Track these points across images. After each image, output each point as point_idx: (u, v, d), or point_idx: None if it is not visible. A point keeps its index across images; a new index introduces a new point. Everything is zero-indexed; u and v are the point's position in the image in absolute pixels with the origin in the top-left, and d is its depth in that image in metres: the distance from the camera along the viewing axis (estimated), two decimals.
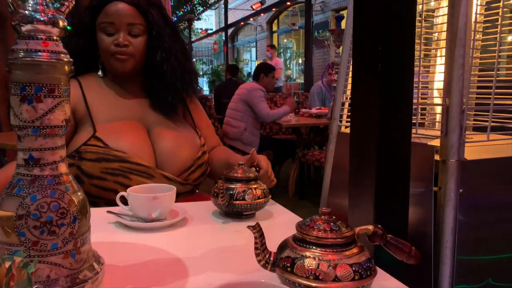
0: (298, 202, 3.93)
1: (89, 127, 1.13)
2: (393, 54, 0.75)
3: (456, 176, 0.83)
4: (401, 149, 0.79)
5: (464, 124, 0.82)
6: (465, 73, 0.80)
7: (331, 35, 4.15)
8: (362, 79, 0.78)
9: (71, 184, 0.60)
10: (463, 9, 0.79)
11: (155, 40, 1.21)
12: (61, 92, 0.58)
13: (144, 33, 1.19)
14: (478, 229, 0.90)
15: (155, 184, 1.01)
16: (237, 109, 3.89)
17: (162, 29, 1.22)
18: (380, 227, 0.62)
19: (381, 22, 0.75)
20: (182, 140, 1.21)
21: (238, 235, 0.89)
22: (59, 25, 0.58)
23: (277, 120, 3.95)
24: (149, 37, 1.20)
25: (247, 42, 18.35)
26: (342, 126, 1.22)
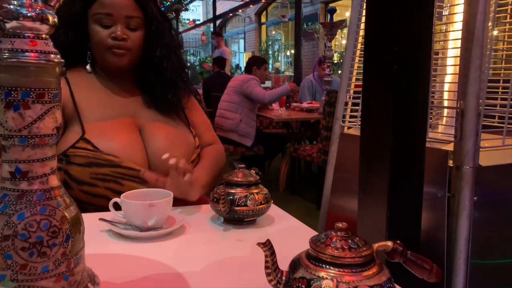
0: (289, 197, 3.90)
1: (78, 128, 1.05)
2: (409, 55, 0.70)
3: (471, 183, 0.79)
4: (415, 154, 0.74)
5: (480, 129, 0.79)
6: (482, 75, 0.76)
7: (322, 28, 4.10)
8: (375, 81, 0.73)
9: (63, 199, 0.54)
10: (481, 6, 0.75)
11: (154, 35, 1.15)
12: (52, 97, 0.52)
13: (141, 27, 1.12)
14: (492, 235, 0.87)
15: (150, 189, 0.95)
16: (232, 101, 3.83)
17: (161, 24, 1.16)
18: (400, 243, 0.58)
19: (397, 21, 0.70)
20: (176, 140, 1.15)
21: (240, 244, 0.85)
22: (48, 22, 0.51)
23: (276, 99, 3.90)
24: (147, 31, 1.14)
25: (235, 33, 18.18)
26: (345, 126, 1.17)
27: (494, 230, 0.88)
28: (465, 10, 0.79)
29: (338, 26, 3.89)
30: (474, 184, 0.79)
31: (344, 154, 1.19)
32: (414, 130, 0.73)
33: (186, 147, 1.15)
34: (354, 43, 1.14)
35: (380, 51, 0.71)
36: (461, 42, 0.80)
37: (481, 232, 0.84)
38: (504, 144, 0.84)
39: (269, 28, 15.03)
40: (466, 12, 0.78)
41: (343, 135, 1.18)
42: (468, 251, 0.79)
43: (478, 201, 0.80)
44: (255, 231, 0.91)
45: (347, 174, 1.18)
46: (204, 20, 20.18)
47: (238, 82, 3.87)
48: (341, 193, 1.21)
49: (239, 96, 3.81)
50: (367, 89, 0.76)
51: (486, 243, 0.87)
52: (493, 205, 0.86)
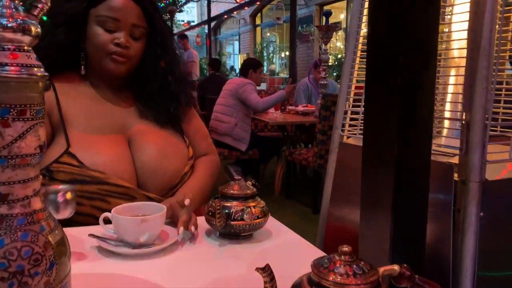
0: (284, 201, 3.87)
1: (62, 140, 0.99)
2: (414, 66, 0.67)
3: (478, 199, 0.76)
4: (420, 169, 0.71)
5: (486, 142, 0.76)
6: (488, 86, 0.73)
7: (318, 31, 4.08)
8: (378, 93, 0.70)
9: (47, 222, 0.50)
10: (487, 15, 0.72)
11: (159, 48, 1.10)
12: (34, 114, 0.48)
13: (144, 37, 1.08)
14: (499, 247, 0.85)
15: (142, 203, 0.91)
16: (227, 104, 3.79)
17: (167, 37, 1.12)
18: (407, 266, 0.55)
19: (401, 32, 0.66)
20: (167, 152, 1.08)
21: (236, 261, 0.81)
22: (30, 33, 0.48)
23: (271, 106, 3.86)
24: (152, 43, 1.10)
25: (230, 35, 18.15)
26: (344, 135, 1.14)
27: (501, 243, 0.85)
28: (470, 18, 0.76)
29: (334, 29, 3.87)
30: (481, 199, 0.76)
31: (343, 163, 1.16)
32: (419, 144, 0.70)
33: (178, 159, 1.09)
34: (353, 51, 1.11)
35: (383, 62, 0.68)
36: (466, 52, 0.77)
37: (487, 245, 0.81)
38: (511, 157, 0.81)
39: (264, 30, 15.02)
40: (472, 21, 0.75)
41: (342, 144, 1.15)
42: (474, 267, 0.76)
43: (484, 216, 0.78)
44: (252, 247, 0.88)
45: (346, 184, 1.15)
46: (199, 21, 20.13)
47: (234, 85, 3.82)
48: (340, 203, 1.17)
49: (234, 100, 3.77)
50: (370, 102, 0.72)
51: (493, 255, 0.84)
52: (499, 220, 0.83)
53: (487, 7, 0.73)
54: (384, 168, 0.70)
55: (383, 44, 0.69)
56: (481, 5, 0.74)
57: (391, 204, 0.69)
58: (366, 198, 0.74)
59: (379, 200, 0.72)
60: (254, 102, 3.70)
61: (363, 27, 1.09)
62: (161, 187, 1.05)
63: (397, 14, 0.67)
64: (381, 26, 0.69)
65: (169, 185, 1.06)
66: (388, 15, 0.68)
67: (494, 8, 0.73)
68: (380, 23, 0.69)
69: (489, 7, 0.73)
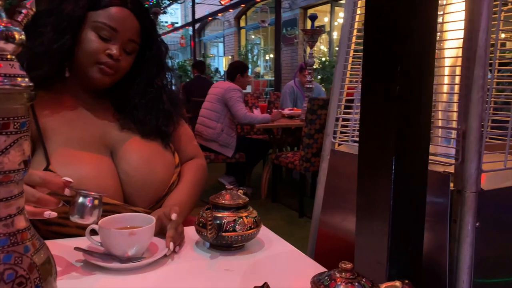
0: (270, 205, 3.85)
1: (41, 157, 0.92)
2: (412, 75, 0.66)
3: (474, 209, 0.75)
4: (418, 179, 0.70)
5: (482, 152, 0.75)
6: (484, 95, 0.73)
7: (303, 35, 4.09)
8: (376, 102, 0.69)
9: (31, 242, 0.47)
10: (483, 24, 0.71)
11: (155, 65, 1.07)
12: (18, 127, 0.45)
13: (135, 52, 1.04)
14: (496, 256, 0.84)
15: (130, 214, 0.88)
16: (214, 109, 3.75)
17: (164, 56, 1.09)
18: (409, 282, 0.53)
19: (399, 40, 0.65)
20: (153, 162, 1.03)
21: (229, 274, 0.78)
22: (14, 40, 0.44)
23: (254, 124, 3.84)
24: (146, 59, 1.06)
25: (214, 37, 18.10)
26: (336, 143, 1.13)
27: (497, 251, 0.85)
28: (465, 27, 0.75)
29: (319, 33, 3.88)
30: (477, 209, 0.76)
31: (335, 171, 1.14)
32: (417, 154, 0.69)
33: (165, 168, 1.05)
34: (345, 57, 1.10)
35: (381, 71, 0.67)
36: (462, 61, 0.77)
37: (483, 254, 0.81)
38: (506, 167, 0.81)
39: (249, 32, 15.03)
40: (468, 30, 0.75)
41: (334, 151, 1.13)
42: (471, 276, 0.76)
43: (480, 226, 0.77)
44: (244, 258, 0.85)
45: (338, 192, 1.14)
46: (183, 23, 20.04)
47: (221, 90, 3.78)
48: (332, 210, 1.16)
49: (221, 105, 3.74)
50: (366, 110, 0.71)
51: (489, 263, 0.84)
52: (495, 229, 0.83)
53: (483, 16, 0.73)
54: (381, 179, 0.68)
55: (380, 52, 0.68)
56: (476, 14, 0.73)
57: (389, 215, 0.68)
58: (362, 209, 0.73)
59: (376, 211, 0.70)
60: (241, 114, 3.67)
61: (354, 33, 1.08)
62: (148, 200, 1.01)
63: (394, 22, 0.65)
64: (378, 35, 0.68)
65: (156, 197, 1.02)
66: (386, 23, 0.67)
67: (489, 17, 0.73)
68: (378, 32, 0.68)
69: (484, 15, 0.73)
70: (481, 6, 0.73)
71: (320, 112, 3.29)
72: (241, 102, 3.71)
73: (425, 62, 0.67)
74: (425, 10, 0.66)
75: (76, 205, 0.74)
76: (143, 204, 1.00)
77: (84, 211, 0.74)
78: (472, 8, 0.75)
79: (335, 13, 10.70)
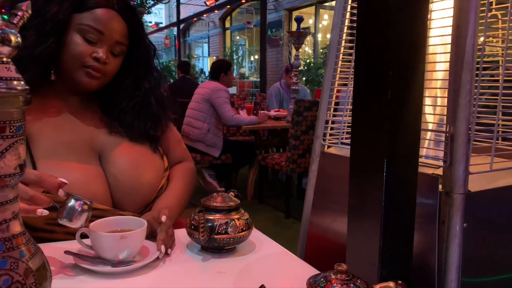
0: (257, 206, 3.86)
1: (27, 162, 0.89)
2: (403, 80, 0.67)
3: (462, 210, 0.77)
4: (408, 181, 0.72)
5: (470, 154, 0.77)
6: (471, 99, 0.75)
7: (289, 37, 4.11)
8: (368, 106, 0.70)
9: (27, 247, 0.47)
10: (470, 30, 0.74)
11: (142, 67, 1.05)
12: (14, 131, 0.44)
13: (123, 54, 1.02)
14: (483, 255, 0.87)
15: (121, 217, 0.87)
16: (200, 109, 3.73)
17: (151, 57, 1.07)
18: (402, 283, 0.54)
19: (391, 46, 0.67)
20: (142, 166, 1.02)
21: (221, 277, 0.79)
22: (10, 43, 0.44)
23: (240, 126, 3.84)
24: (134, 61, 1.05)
25: (199, 37, 18.03)
26: (325, 145, 1.14)
27: (484, 251, 0.87)
28: (453, 32, 0.77)
29: (305, 35, 3.91)
30: (464, 210, 0.78)
31: (325, 173, 1.15)
32: (408, 156, 0.71)
33: (154, 173, 1.04)
34: (334, 61, 1.11)
35: (373, 76, 0.68)
36: (449, 65, 0.79)
37: (471, 254, 0.83)
38: (492, 169, 0.83)
39: (234, 33, 15.02)
40: (455, 36, 0.77)
41: (324, 153, 1.15)
42: (459, 275, 0.78)
43: (468, 227, 0.79)
44: (236, 261, 0.85)
45: (328, 194, 1.15)
46: (167, 23, 19.91)
47: (207, 90, 3.76)
48: (321, 212, 1.17)
49: (207, 105, 3.72)
50: (357, 114, 0.72)
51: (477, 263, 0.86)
52: (482, 230, 0.85)
53: (470, 22, 0.75)
54: (373, 181, 0.69)
55: (372, 58, 0.69)
56: (463, 20, 0.75)
57: (381, 216, 0.69)
58: (354, 211, 0.74)
59: (368, 213, 0.72)
60: (228, 116, 3.66)
61: (344, 38, 1.09)
62: (137, 204, 1.00)
63: (386, 29, 0.67)
64: (370, 41, 0.69)
65: (145, 201, 1.01)
66: (377, 30, 0.68)
67: (476, 23, 0.75)
68: (369, 38, 0.69)
69: (472, 22, 0.75)
70: (468, 13, 0.75)
71: (306, 113, 3.31)
72: (228, 104, 3.70)
73: (415, 67, 0.68)
74: (415, 17, 0.68)
75: (66, 208, 0.74)
76: (132, 209, 0.99)
77: (73, 214, 0.74)
78: (460, 14, 0.77)
79: (320, 15, 10.79)
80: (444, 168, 0.80)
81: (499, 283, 0.90)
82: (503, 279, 0.91)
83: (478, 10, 0.75)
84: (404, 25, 0.67)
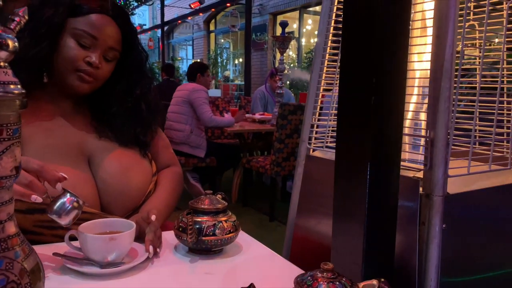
0: (241, 209, 3.87)
1: None
2: (386, 87, 0.70)
3: (441, 212, 0.81)
4: (391, 183, 0.75)
5: (448, 158, 0.81)
6: (450, 106, 0.78)
7: (274, 42, 4.15)
8: (352, 112, 0.73)
9: (21, 248, 0.48)
10: (449, 40, 0.77)
11: (134, 74, 1.06)
12: (11, 134, 0.45)
13: (115, 60, 1.03)
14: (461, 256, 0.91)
15: (110, 219, 0.88)
16: (181, 112, 3.72)
17: (143, 63, 1.08)
18: (385, 281, 0.57)
19: (375, 54, 0.70)
20: (132, 170, 1.03)
21: (209, 278, 0.80)
22: (8, 48, 0.45)
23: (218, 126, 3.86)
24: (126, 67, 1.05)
25: (183, 40, 17.98)
26: (311, 149, 1.17)
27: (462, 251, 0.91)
28: (433, 42, 0.81)
29: (290, 40, 3.95)
30: (443, 212, 0.81)
31: (310, 176, 1.18)
32: (390, 160, 0.73)
33: (143, 177, 1.04)
34: (320, 67, 1.14)
35: (357, 83, 0.71)
36: (429, 73, 0.82)
37: (449, 254, 0.86)
38: (469, 172, 0.87)
39: (218, 36, 15.03)
40: (435, 45, 0.80)
41: (309, 157, 1.17)
42: (438, 275, 0.81)
43: (447, 228, 0.82)
44: (224, 262, 0.87)
45: (313, 196, 1.18)
46: (151, 25, 19.79)
47: (186, 92, 3.76)
48: (306, 214, 1.20)
49: (187, 107, 3.71)
50: (342, 119, 0.75)
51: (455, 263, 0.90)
52: (460, 231, 0.89)
53: (449, 32, 0.78)
54: (357, 184, 0.72)
55: (357, 66, 0.72)
56: (443, 30, 0.79)
57: (364, 218, 0.72)
58: (338, 213, 0.76)
59: (352, 214, 0.74)
60: (207, 116, 3.66)
61: (329, 44, 1.12)
62: (126, 208, 1.01)
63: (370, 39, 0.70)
64: (355, 49, 0.72)
65: (133, 205, 1.02)
66: (362, 39, 0.71)
67: (455, 33, 0.79)
68: (354, 47, 0.72)
69: (450, 32, 0.78)
70: (447, 24, 0.79)
71: (291, 117, 3.34)
72: (206, 104, 3.70)
73: (397, 75, 0.71)
74: (398, 27, 0.71)
75: (58, 202, 0.74)
76: (120, 213, 1.00)
77: (64, 210, 0.74)
78: (439, 24, 0.80)
79: (304, 20, 10.90)
80: (424, 171, 0.84)
81: (476, 283, 0.95)
82: (480, 278, 0.95)
83: (456, 21, 0.79)
84: (387, 34, 0.70)
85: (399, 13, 0.71)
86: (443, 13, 0.81)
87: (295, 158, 1.24)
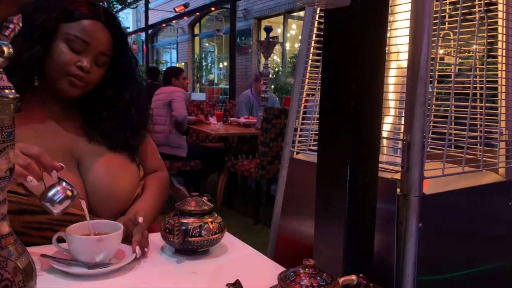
0: (226, 212, 3.88)
1: None
2: (365, 92, 0.74)
3: (417, 211, 0.85)
4: (369, 184, 0.78)
5: (424, 160, 0.85)
6: (425, 110, 0.82)
7: (259, 46, 4.19)
8: (333, 117, 0.76)
9: (15, 247, 0.49)
10: (424, 48, 0.82)
11: (124, 79, 1.08)
12: (5, 136, 0.47)
13: (106, 65, 1.04)
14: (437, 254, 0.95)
15: (97, 221, 0.89)
16: (159, 114, 3.74)
17: (134, 72, 1.10)
18: (363, 276, 0.60)
19: (354, 62, 0.73)
20: (120, 174, 1.04)
21: (196, 277, 0.82)
22: (3, 54, 0.47)
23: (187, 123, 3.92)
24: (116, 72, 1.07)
25: (167, 43, 17.90)
26: (294, 151, 1.20)
27: (437, 250, 0.95)
28: (409, 50, 0.85)
29: (274, 45, 4.00)
30: (420, 212, 0.85)
31: (293, 178, 1.21)
32: (369, 162, 0.77)
33: (130, 181, 1.06)
34: (303, 72, 1.17)
35: (337, 89, 0.74)
36: (406, 80, 0.87)
37: (425, 253, 0.90)
38: (444, 174, 0.91)
39: (203, 39, 15.02)
40: (411, 53, 0.85)
41: (292, 159, 1.21)
42: (414, 273, 0.85)
43: (423, 227, 0.86)
44: (210, 262, 0.89)
45: (296, 198, 1.21)
46: (135, 28, 19.65)
47: (165, 95, 3.83)
48: (290, 216, 1.23)
49: (166, 108, 3.77)
50: (323, 123, 0.78)
51: (430, 262, 0.94)
52: (436, 230, 0.93)
53: (423, 41, 0.83)
54: (338, 185, 0.75)
55: (337, 73, 0.75)
56: (418, 40, 0.84)
57: (345, 218, 0.75)
58: (320, 213, 0.80)
59: (333, 214, 0.77)
60: (182, 112, 3.71)
61: (312, 50, 1.16)
62: (113, 211, 1.02)
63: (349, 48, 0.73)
64: (335, 57, 0.76)
65: (121, 208, 1.03)
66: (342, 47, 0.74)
67: (429, 41, 0.83)
68: (334, 55, 0.76)
69: (425, 41, 0.83)
70: (422, 33, 0.83)
71: (275, 121, 3.38)
72: (183, 102, 3.79)
73: (376, 81, 0.75)
74: (376, 36, 0.75)
75: (52, 190, 0.75)
76: (108, 215, 1.01)
77: (56, 198, 0.75)
78: (415, 34, 0.85)
79: (288, 25, 10.99)
80: (401, 173, 0.88)
81: (451, 281, 0.99)
82: (455, 276, 0.99)
83: (431, 30, 0.83)
84: (365, 43, 0.74)
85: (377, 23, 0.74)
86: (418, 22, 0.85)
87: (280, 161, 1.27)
